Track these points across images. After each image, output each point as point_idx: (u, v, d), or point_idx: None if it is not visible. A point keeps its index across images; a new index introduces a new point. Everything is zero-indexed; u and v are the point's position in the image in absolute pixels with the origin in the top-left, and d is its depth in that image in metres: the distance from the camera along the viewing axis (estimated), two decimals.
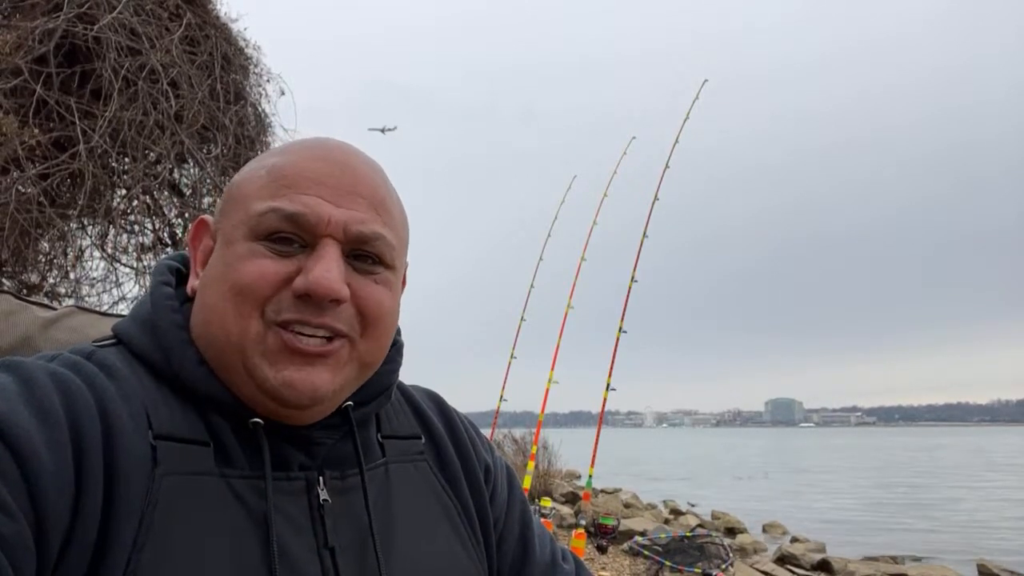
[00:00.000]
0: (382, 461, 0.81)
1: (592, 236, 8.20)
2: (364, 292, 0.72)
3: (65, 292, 4.84)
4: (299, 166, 0.73)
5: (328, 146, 0.76)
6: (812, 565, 9.74)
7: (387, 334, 0.76)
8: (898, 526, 15.10)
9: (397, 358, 0.84)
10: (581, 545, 5.77)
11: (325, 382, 0.69)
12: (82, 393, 0.63)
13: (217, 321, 0.70)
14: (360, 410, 0.78)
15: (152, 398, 0.68)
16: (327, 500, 0.72)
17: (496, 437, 11.46)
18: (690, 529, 8.08)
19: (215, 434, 0.69)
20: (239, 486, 0.67)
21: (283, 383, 0.68)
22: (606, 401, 6.88)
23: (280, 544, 0.66)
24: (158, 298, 0.75)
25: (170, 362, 0.70)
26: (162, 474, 0.63)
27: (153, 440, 0.64)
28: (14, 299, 0.94)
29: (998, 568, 9.84)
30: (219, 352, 0.70)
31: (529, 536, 0.92)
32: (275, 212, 0.70)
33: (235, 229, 0.72)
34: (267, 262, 0.69)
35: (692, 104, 7.70)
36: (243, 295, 0.68)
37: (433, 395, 0.97)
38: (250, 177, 0.75)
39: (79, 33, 4.21)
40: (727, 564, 6.37)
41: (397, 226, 0.77)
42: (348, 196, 0.72)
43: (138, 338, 0.73)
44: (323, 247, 0.70)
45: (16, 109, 3.98)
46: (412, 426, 0.88)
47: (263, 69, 5.33)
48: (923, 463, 39.89)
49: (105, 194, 4.59)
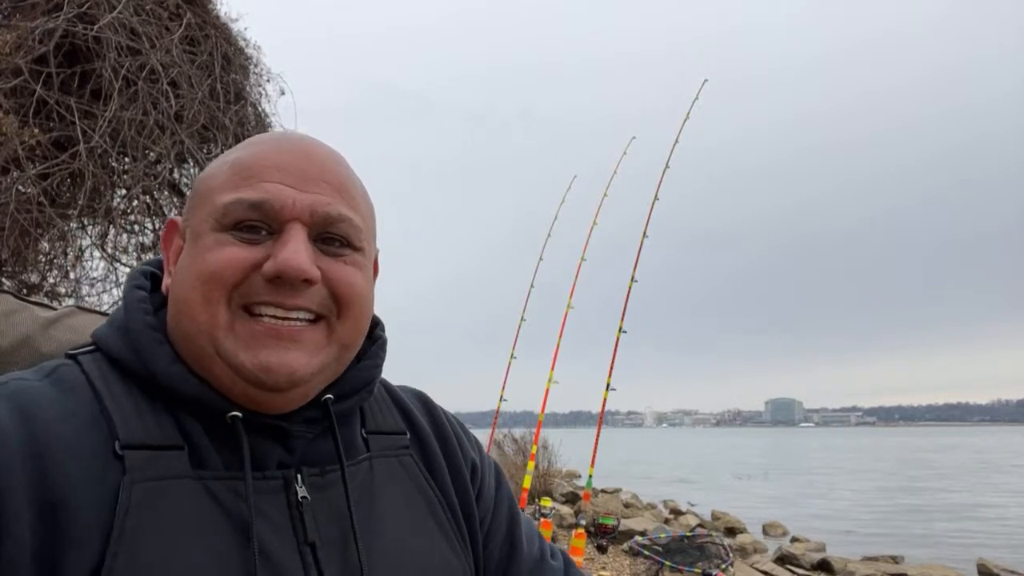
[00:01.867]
0: (365, 456, 0.81)
1: (592, 236, 8.20)
2: (335, 273, 0.72)
3: (65, 292, 4.84)
4: (261, 157, 0.73)
5: (290, 138, 0.78)
6: (812, 565, 9.74)
7: (363, 315, 0.76)
8: (898, 526, 15.10)
9: (380, 353, 0.84)
10: (581, 545, 5.77)
11: (302, 364, 0.69)
12: (2, 432, 0.61)
13: (187, 311, 0.70)
14: (340, 404, 0.78)
15: (122, 406, 0.68)
16: (306, 497, 0.71)
17: (496, 437, 11.46)
18: (690, 529, 8.08)
19: (189, 437, 0.69)
20: (215, 487, 0.67)
21: (260, 366, 0.68)
22: (606, 401, 6.88)
23: (259, 541, 0.66)
24: (130, 301, 0.75)
25: (144, 363, 0.70)
26: (132, 482, 0.63)
27: (120, 450, 0.64)
28: (14, 299, 0.94)
29: (998, 568, 9.84)
30: (193, 343, 0.70)
31: (517, 534, 0.92)
32: (240, 202, 0.70)
33: (202, 223, 0.72)
34: (235, 249, 0.69)
35: (692, 104, 7.71)
36: (211, 282, 0.69)
37: (420, 394, 0.97)
38: (214, 172, 0.75)
39: (79, 33, 4.22)
40: (727, 564, 6.37)
41: (362, 210, 0.77)
42: (312, 181, 0.73)
43: (112, 341, 0.73)
44: (290, 231, 0.70)
45: (16, 109, 3.98)
46: (397, 422, 0.88)
47: (263, 69, 5.33)
48: (923, 463, 39.87)
49: (105, 194, 4.59)
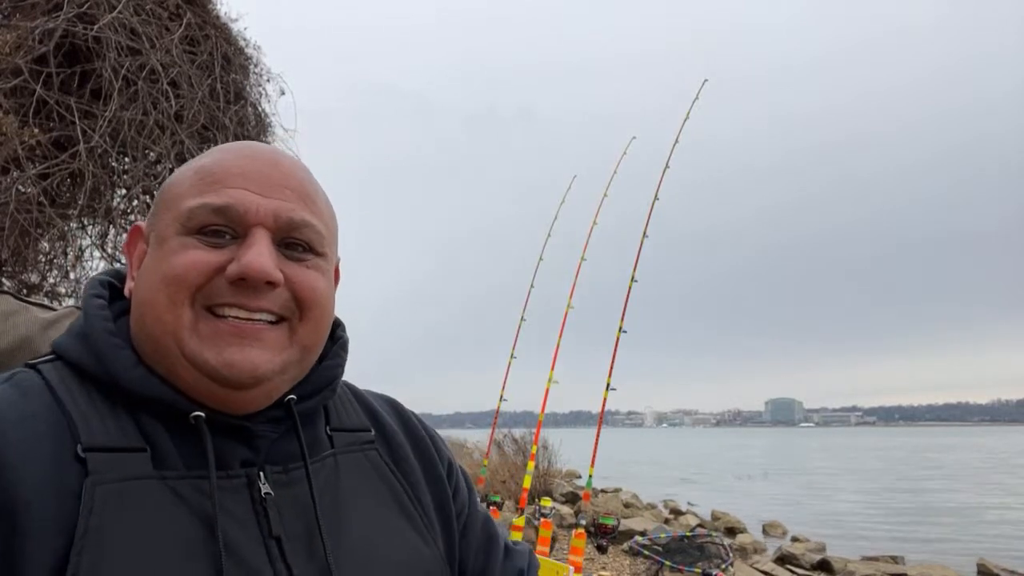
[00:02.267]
0: (330, 452, 0.82)
1: (592, 236, 8.19)
2: (298, 277, 0.74)
3: (65, 292, 4.84)
4: (226, 163, 0.75)
5: (254, 147, 0.79)
6: (812, 565, 9.75)
7: (324, 317, 0.78)
8: (898, 526, 15.11)
9: (341, 353, 0.86)
10: (581, 545, 5.76)
11: (265, 360, 0.71)
12: None
13: (151, 312, 0.71)
14: (303, 404, 0.79)
15: (82, 409, 0.68)
16: (269, 493, 0.72)
17: (496, 437, 11.46)
18: (690, 529, 8.08)
19: (150, 439, 0.70)
20: (178, 486, 0.68)
21: (223, 363, 0.69)
22: (606, 401, 6.87)
23: (224, 536, 0.66)
24: (89, 308, 0.76)
25: (105, 367, 0.71)
26: (94, 484, 0.63)
27: (82, 452, 0.65)
28: (14, 300, 0.94)
29: (998, 568, 9.85)
30: (157, 344, 0.71)
31: (490, 526, 0.97)
32: (204, 206, 0.72)
33: (167, 227, 0.73)
34: (199, 252, 0.71)
35: (692, 104, 7.69)
36: (175, 284, 0.70)
37: (389, 399, 0.99)
38: (179, 179, 0.77)
39: (79, 33, 4.21)
40: (727, 564, 6.37)
41: (325, 218, 0.79)
42: (275, 188, 0.74)
43: (72, 348, 0.74)
44: (253, 235, 0.72)
45: (16, 109, 3.98)
46: (361, 420, 0.89)
47: (263, 69, 5.33)
48: (923, 463, 39.87)
49: (105, 194, 4.59)
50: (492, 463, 11.49)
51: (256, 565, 0.68)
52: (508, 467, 12.68)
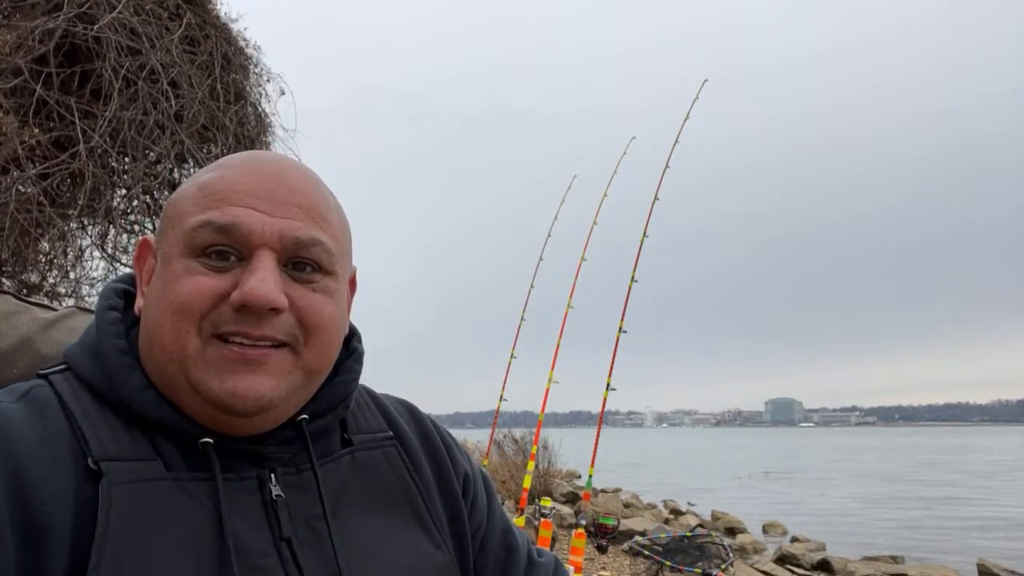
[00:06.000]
0: (347, 450, 0.81)
1: (592, 236, 8.19)
2: (303, 301, 0.72)
3: (65, 292, 4.84)
4: (230, 180, 0.73)
5: (261, 159, 0.77)
6: (812, 565, 9.75)
7: (331, 341, 0.76)
8: (898, 526, 15.11)
9: (355, 367, 0.84)
10: (581, 545, 5.76)
11: (269, 388, 0.70)
12: None
13: (158, 340, 0.71)
14: (315, 423, 0.78)
15: (95, 426, 0.69)
16: (280, 495, 0.72)
17: (496, 437, 11.46)
18: (690, 529, 8.08)
19: (162, 454, 0.70)
20: (191, 487, 0.69)
21: (228, 392, 0.68)
22: (606, 401, 6.87)
23: (236, 539, 0.67)
24: (102, 323, 0.76)
25: (116, 389, 0.71)
26: (111, 484, 0.64)
27: (94, 464, 0.65)
28: (14, 300, 0.94)
29: (998, 568, 9.84)
30: (164, 371, 0.71)
31: (511, 539, 0.94)
32: (208, 225, 0.70)
33: (172, 247, 0.72)
34: (203, 279, 0.70)
35: (692, 104, 7.68)
36: (180, 313, 0.69)
37: (406, 403, 0.97)
38: (184, 195, 0.75)
39: (79, 33, 4.21)
40: (727, 564, 6.37)
41: (336, 232, 0.77)
42: (282, 205, 0.72)
43: (84, 364, 0.73)
44: (258, 258, 0.70)
45: (16, 109, 3.98)
46: (379, 422, 0.89)
47: (263, 69, 5.33)
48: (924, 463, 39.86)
49: (105, 194, 4.59)
50: (492, 463, 11.51)
51: (268, 567, 0.69)
52: (508, 467, 12.69)
